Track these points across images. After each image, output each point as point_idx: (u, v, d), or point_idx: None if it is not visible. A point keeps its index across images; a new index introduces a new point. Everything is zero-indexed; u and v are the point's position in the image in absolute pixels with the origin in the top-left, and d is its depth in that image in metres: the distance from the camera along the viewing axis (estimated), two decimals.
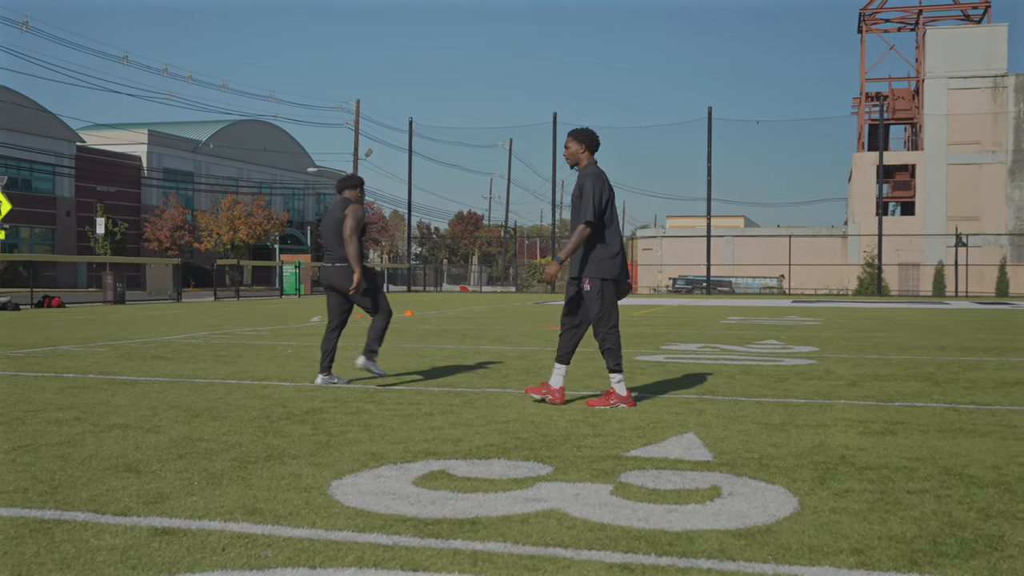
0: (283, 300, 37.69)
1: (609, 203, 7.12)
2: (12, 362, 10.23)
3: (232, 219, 66.60)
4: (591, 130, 7.29)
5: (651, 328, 17.79)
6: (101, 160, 66.99)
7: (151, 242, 66.17)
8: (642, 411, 6.87)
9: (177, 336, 14.58)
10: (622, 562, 3.32)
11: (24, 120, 60.83)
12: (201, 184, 75.74)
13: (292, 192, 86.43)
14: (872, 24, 61.40)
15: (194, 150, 75.51)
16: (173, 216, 66.44)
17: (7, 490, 4.30)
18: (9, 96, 60.19)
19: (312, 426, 6.13)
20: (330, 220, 8.40)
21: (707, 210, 52.05)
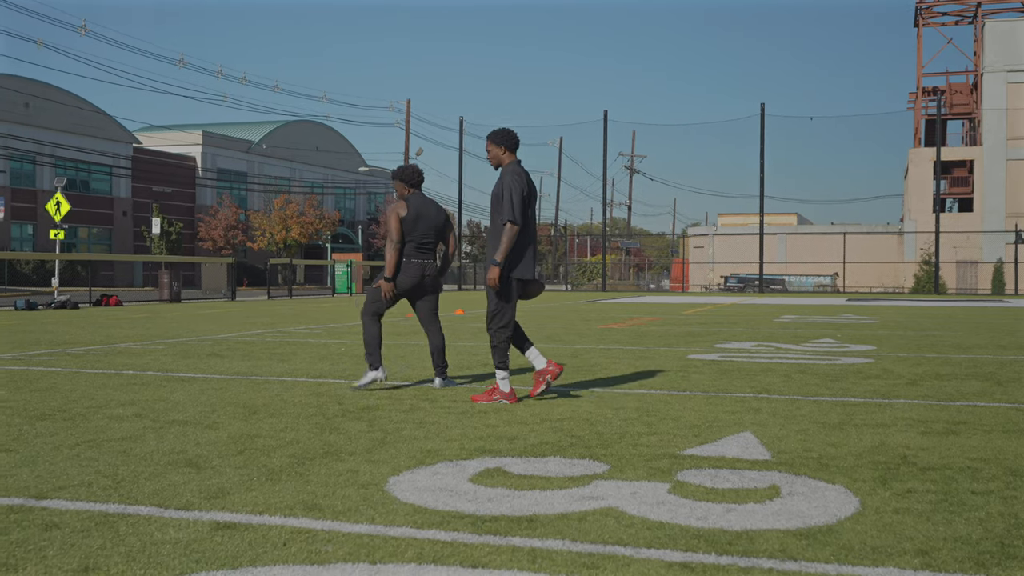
0: (335, 299, 38.00)
1: (529, 202, 7.17)
2: (74, 359, 10.42)
3: (285, 218, 67.27)
4: (509, 130, 7.31)
5: (704, 327, 17.68)
6: (157, 161, 67.98)
7: (205, 241, 67.04)
8: (697, 410, 6.82)
9: (232, 334, 14.75)
10: (682, 561, 3.30)
11: (83, 122, 61.92)
12: (254, 184, 76.59)
13: (343, 191, 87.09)
14: (929, 18, 60.48)
15: (247, 150, 76.36)
16: (227, 216, 67.25)
17: (72, 484, 4.37)
18: (68, 99, 61.30)
19: (368, 423, 6.16)
20: (437, 217, 7.93)
21: (760, 207, 51.61)
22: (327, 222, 69.74)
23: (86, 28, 51.06)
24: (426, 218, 7.88)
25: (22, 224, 59.15)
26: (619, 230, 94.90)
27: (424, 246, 7.90)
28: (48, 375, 8.83)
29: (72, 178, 60.63)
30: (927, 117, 61.46)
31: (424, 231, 7.87)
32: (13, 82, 57.70)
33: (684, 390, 7.95)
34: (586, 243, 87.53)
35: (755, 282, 54.01)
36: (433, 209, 8.00)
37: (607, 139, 55.46)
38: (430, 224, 7.90)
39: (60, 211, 30.30)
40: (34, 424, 6.05)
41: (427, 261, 7.93)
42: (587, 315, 22.46)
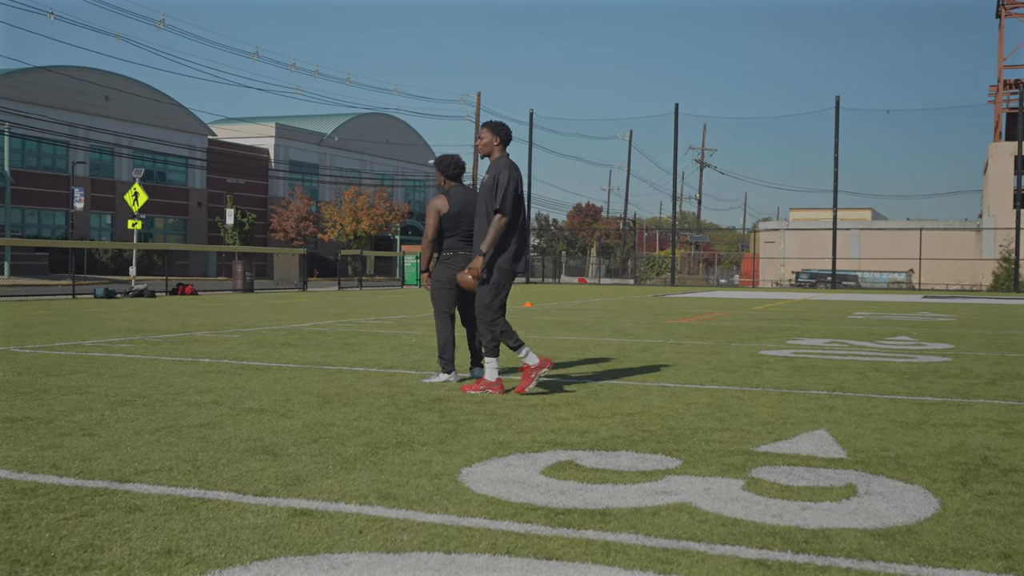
0: (404, 290, 38.29)
1: (520, 195, 7.22)
2: (152, 347, 10.64)
3: (355, 210, 67.93)
4: (502, 122, 7.37)
5: (775, 323, 17.47)
6: (231, 153, 69.07)
7: (277, 232, 67.98)
8: (771, 406, 6.75)
9: (304, 324, 14.95)
10: (758, 558, 3.27)
11: (160, 115, 63.15)
12: (326, 176, 77.46)
13: (413, 184, 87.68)
14: (1012, 8, 58.92)
15: (319, 143, 77.23)
16: (298, 207, 68.12)
17: (153, 468, 4.47)
18: (146, 91, 62.56)
19: (439, 414, 6.21)
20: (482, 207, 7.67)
21: (833, 202, 50.84)
22: (396, 214, 70.27)
23: (164, 22, 52.07)
24: (468, 212, 7.87)
25: (101, 214, 60.54)
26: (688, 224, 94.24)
27: (468, 241, 7.88)
28: (128, 362, 9.03)
29: (149, 169, 61.88)
30: (1008, 111, 59.88)
31: (469, 223, 7.85)
32: (94, 75, 59.04)
33: (757, 386, 7.87)
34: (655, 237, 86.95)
35: (827, 278, 53.21)
36: (472, 199, 7.92)
37: (678, 132, 55.07)
38: (475, 216, 7.79)
39: (138, 201, 30.95)
40: (115, 409, 6.19)
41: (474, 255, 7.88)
42: (656, 309, 22.34)
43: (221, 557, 3.19)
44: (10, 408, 6.18)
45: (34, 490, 4.03)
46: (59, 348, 10.31)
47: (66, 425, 5.59)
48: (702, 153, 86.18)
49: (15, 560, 3.12)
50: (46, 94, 55.90)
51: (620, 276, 71.14)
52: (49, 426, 5.55)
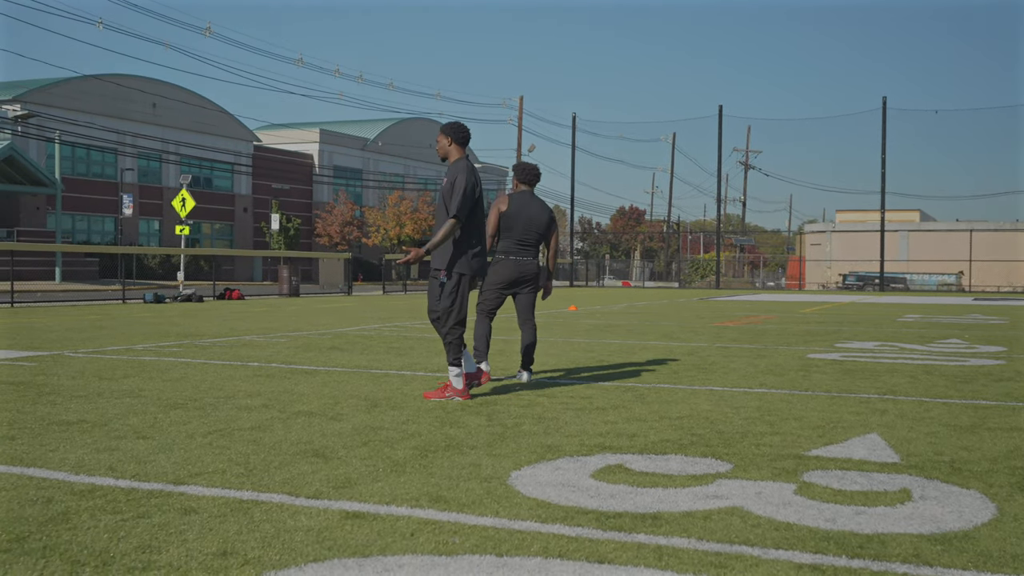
0: None
1: (478, 199, 7.07)
2: (201, 351, 10.77)
3: (399, 215, 68.23)
4: (461, 124, 7.22)
5: (823, 325, 17.31)
6: (276, 159, 69.70)
7: (322, 237, 68.47)
8: (820, 410, 6.69)
9: (351, 328, 15.04)
10: (812, 563, 3.25)
11: (206, 121, 63.88)
12: (369, 181, 77.91)
13: None
14: None
15: (363, 148, 77.70)
16: (343, 212, 68.55)
17: (207, 471, 4.53)
18: (193, 98, 63.31)
19: (487, 417, 6.22)
20: (538, 215, 8.00)
21: (881, 203, 50.28)
22: None
23: (210, 30, 52.65)
24: (527, 217, 7.96)
25: (149, 220, 61.33)
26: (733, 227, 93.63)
27: (523, 244, 7.97)
28: (178, 366, 9.14)
29: (196, 175, 62.58)
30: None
31: (524, 229, 7.95)
32: (141, 83, 59.85)
33: (806, 390, 7.80)
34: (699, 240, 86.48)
35: (875, 280, 52.62)
36: (536, 209, 8.04)
37: (722, 134, 54.76)
38: (531, 223, 7.98)
39: (185, 207, 31.32)
40: (168, 413, 6.27)
41: (524, 259, 7.99)
42: (701, 312, 22.22)
43: (276, 559, 3.22)
44: (66, 411, 6.29)
45: (92, 492, 4.10)
46: (111, 352, 10.46)
47: (121, 428, 5.67)
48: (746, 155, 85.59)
49: (75, 560, 3.17)
50: (95, 102, 56.77)
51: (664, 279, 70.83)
52: (104, 429, 5.64)
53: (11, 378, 8.03)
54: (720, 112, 54.65)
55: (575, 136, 59.02)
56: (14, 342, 11.66)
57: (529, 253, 8.03)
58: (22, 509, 3.80)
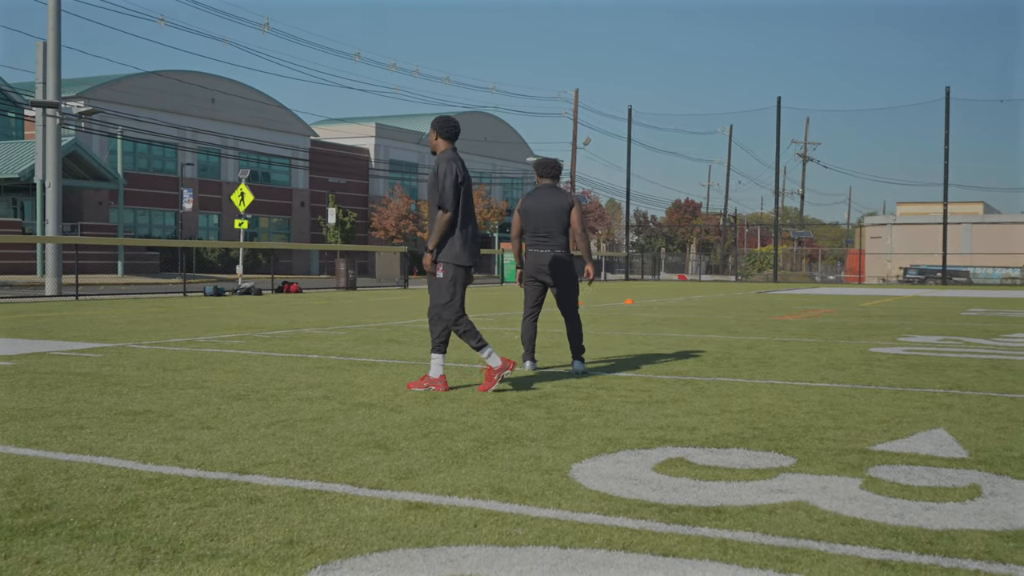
0: (503, 287, 38.45)
1: (464, 189, 7.08)
2: (262, 343, 10.89)
3: None
4: (448, 118, 7.22)
5: (885, 319, 17.06)
6: (332, 153, 70.27)
7: (378, 231, 68.92)
8: (885, 405, 6.59)
9: (408, 321, 15.12)
10: (880, 559, 3.20)
11: (264, 116, 64.59)
12: (425, 174, 78.21)
13: (511, 181, 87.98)
14: None
15: (418, 142, 78.03)
16: (398, 206, 68.93)
17: (271, 461, 4.58)
18: (251, 94, 64.03)
19: (546, 410, 6.21)
20: (550, 206, 8.21)
21: (943, 195, 49.42)
22: (495, 212, 70.60)
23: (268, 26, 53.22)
24: (535, 211, 8.21)
25: (208, 214, 62.17)
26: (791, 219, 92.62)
27: (539, 236, 8.22)
28: (240, 357, 9.26)
29: (254, 170, 63.31)
30: None
31: (536, 223, 8.22)
32: (201, 78, 60.65)
33: (869, 384, 7.70)
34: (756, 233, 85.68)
35: (937, 274, 51.75)
36: (544, 199, 8.23)
37: (780, 126, 54.17)
38: (540, 216, 8.19)
39: (244, 201, 31.70)
40: (231, 404, 6.35)
41: (541, 251, 8.23)
42: (759, 306, 22.01)
43: (342, 548, 3.24)
44: (132, 402, 6.40)
45: (159, 480, 4.16)
46: (174, 344, 10.63)
47: (185, 418, 5.76)
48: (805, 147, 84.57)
49: (146, 547, 3.23)
50: (156, 98, 57.65)
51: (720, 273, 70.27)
52: (169, 419, 5.72)
53: (78, 369, 8.19)
54: (779, 103, 54.07)
55: (631, 129, 58.74)
56: (80, 334, 11.89)
57: (547, 245, 8.24)
58: (93, 496, 3.87)
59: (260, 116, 64.37)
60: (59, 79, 26.27)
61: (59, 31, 26.04)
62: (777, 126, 54.20)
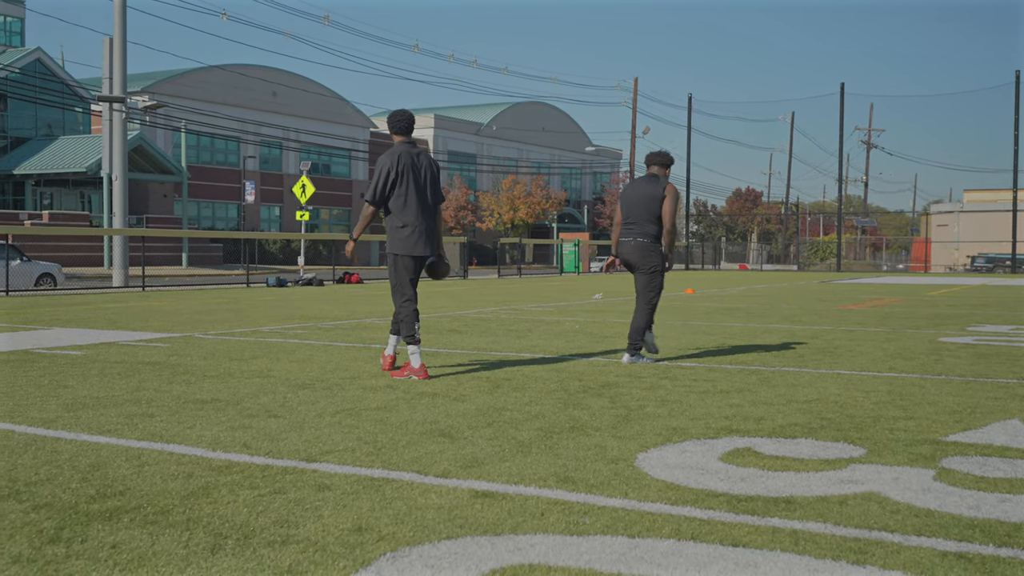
0: (563, 277, 38.40)
1: (398, 181, 7.22)
2: (325, 333, 10.99)
3: (512, 199, 68.52)
4: (397, 112, 7.36)
5: (953, 309, 16.73)
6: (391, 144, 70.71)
7: None
8: (956, 395, 6.46)
9: (468, 311, 15.16)
10: (957, 551, 3.13)
11: (325, 109, 65.15)
12: (483, 165, 78.37)
13: (569, 171, 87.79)
14: None
15: (477, 132, 78.19)
16: (457, 197, 69.14)
17: (337, 449, 4.61)
18: (312, 86, 64.62)
19: (609, 400, 6.19)
20: (638, 194, 8.14)
21: (1013, 182, 48.34)
22: (553, 202, 70.52)
23: (329, 18, 53.61)
24: (629, 198, 8.26)
25: (270, 206, 62.91)
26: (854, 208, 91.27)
27: (628, 224, 8.24)
28: (304, 347, 9.35)
29: (315, 162, 63.90)
30: None
31: (627, 211, 8.25)
32: (262, 72, 61.35)
33: (939, 374, 7.55)
34: (818, 222, 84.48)
35: (1006, 262, 50.65)
36: (639, 188, 8.22)
37: (843, 113, 53.36)
38: (631, 204, 8.21)
39: (305, 193, 32.00)
40: (297, 392, 6.42)
41: (625, 240, 8.25)
42: (823, 296, 21.72)
43: (410, 535, 3.26)
44: (200, 391, 6.49)
45: (228, 468, 4.22)
46: (239, 334, 10.76)
47: (252, 407, 5.83)
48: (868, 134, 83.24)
49: (217, 533, 3.27)
50: (218, 91, 58.43)
51: (782, 262, 69.48)
52: (237, 408, 5.80)
53: (147, 358, 8.33)
54: (842, 89, 53.26)
55: (691, 117, 58.27)
56: (147, 324, 12.09)
57: (631, 233, 8.21)
58: (165, 483, 3.93)
59: (321, 108, 64.95)
60: (125, 74, 26.72)
61: (125, 27, 26.48)
62: (840, 113, 53.40)
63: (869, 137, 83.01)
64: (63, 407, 5.78)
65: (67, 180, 49.90)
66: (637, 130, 60.34)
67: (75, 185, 51.02)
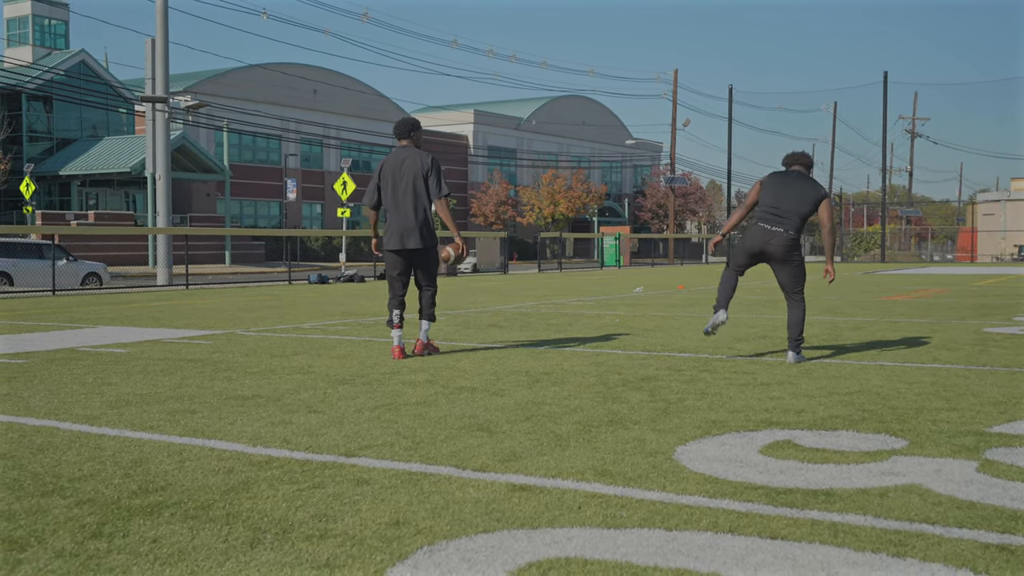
0: (604, 271, 38.31)
1: (382, 186, 8.18)
2: (365, 328, 11.05)
3: (552, 193, 68.43)
4: (401, 120, 8.32)
5: (1000, 299, 16.49)
6: (431, 140, 70.84)
7: (477, 217, 69.31)
8: (1000, 386, 6.37)
9: (508, 306, 15.18)
10: (1000, 543, 3.09)
11: (365, 106, 65.47)
12: (523, 160, 78.35)
13: (609, 165, 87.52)
14: None
15: (516, 127, 78.16)
16: (497, 192, 69.20)
17: (376, 443, 4.64)
18: (352, 84, 64.95)
19: (649, 393, 6.17)
20: (794, 188, 7.78)
21: None
22: (594, 196, 70.34)
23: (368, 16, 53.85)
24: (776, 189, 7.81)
25: (311, 204, 63.35)
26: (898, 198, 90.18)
27: (777, 217, 7.76)
28: (344, 343, 9.41)
29: (356, 159, 64.25)
30: None
31: (775, 201, 7.78)
32: (303, 70, 61.76)
33: (984, 364, 7.45)
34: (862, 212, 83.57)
35: None
36: (795, 182, 7.85)
37: (887, 102, 52.73)
38: (785, 196, 7.76)
39: (346, 190, 32.17)
40: (336, 388, 6.46)
41: (774, 229, 7.76)
42: (866, 287, 21.49)
43: (447, 529, 3.27)
44: (241, 387, 6.55)
45: (268, 463, 4.25)
46: (280, 331, 10.85)
47: (293, 403, 5.87)
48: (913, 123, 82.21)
49: (257, 527, 3.30)
50: (260, 90, 58.91)
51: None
52: (277, 403, 5.85)
53: (190, 355, 8.42)
54: (885, 79, 52.63)
55: (731, 109, 57.86)
56: (191, 322, 12.23)
57: (782, 224, 7.75)
58: (206, 478, 3.98)
59: (361, 105, 65.27)
60: (167, 74, 27.01)
61: (166, 28, 26.76)
62: (884, 102, 52.78)
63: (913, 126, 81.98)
64: (107, 404, 5.86)
65: (112, 180, 50.59)
66: (677, 122, 60.02)
67: (120, 185, 51.70)
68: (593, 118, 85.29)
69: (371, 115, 65.88)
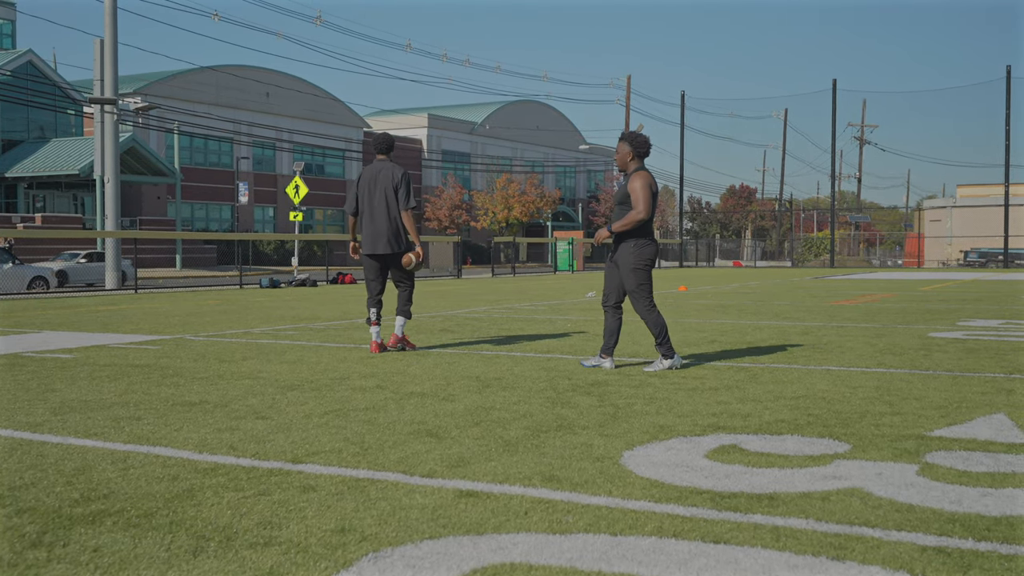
0: (557, 276, 38.41)
1: (359, 196, 8.92)
2: (316, 333, 11.00)
3: (507, 198, 68.48)
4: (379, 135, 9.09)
5: (944, 303, 16.77)
6: None
7: (431, 221, 69.18)
8: (943, 390, 6.48)
9: (460, 311, 15.17)
10: (937, 545, 3.15)
11: (318, 109, 65.09)
12: (477, 164, 78.36)
13: (563, 170, 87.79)
14: None
15: (471, 131, 78.16)
16: (451, 196, 69.13)
17: (324, 450, 4.62)
18: (304, 87, 64.55)
19: (598, 398, 6.20)
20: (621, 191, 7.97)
21: (1005, 177, 48.47)
22: (548, 200, 70.50)
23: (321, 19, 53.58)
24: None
25: (264, 207, 62.85)
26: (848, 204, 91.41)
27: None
28: (295, 348, 9.35)
29: (308, 162, 63.86)
30: None
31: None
32: (255, 72, 61.28)
33: (927, 369, 7.57)
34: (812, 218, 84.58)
35: (999, 257, 50.76)
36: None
37: (836, 109, 53.44)
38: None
39: (299, 194, 31.98)
40: (285, 394, 6.42)
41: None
42: (815, 292, 21.75)
43: (393, 536, 3.26)
44: (188, 392, 6.49)
45: (214, 470, 4.22)
46: (230, 336, 10.76)
47: (240, 409, 5.83)
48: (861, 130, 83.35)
49: (200, 535, 3.27)
50: (211, 93, 58.36)
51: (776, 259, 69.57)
52: (225, 409, 5.80)
53: (137, 361, 8.32)
54: (834, 86, 53.35)
55: (684, 115, 58.30)
56: (139, 327, 12.09)
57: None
58: (150, 486, 3.94)
59: (314, 109, 64.89)
60: (116, 76, 26.69)
61: (115, 29, 26.44)
62: (833, 109, 53.50)
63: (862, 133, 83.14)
64: (50, 411, 5.78)
65: (60, 182, 49.83)
66: (631, 128, 60.33)
67: (68, 187, 50.94)
68: (547, 123, 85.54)
69: (324, 118, 65.54)
